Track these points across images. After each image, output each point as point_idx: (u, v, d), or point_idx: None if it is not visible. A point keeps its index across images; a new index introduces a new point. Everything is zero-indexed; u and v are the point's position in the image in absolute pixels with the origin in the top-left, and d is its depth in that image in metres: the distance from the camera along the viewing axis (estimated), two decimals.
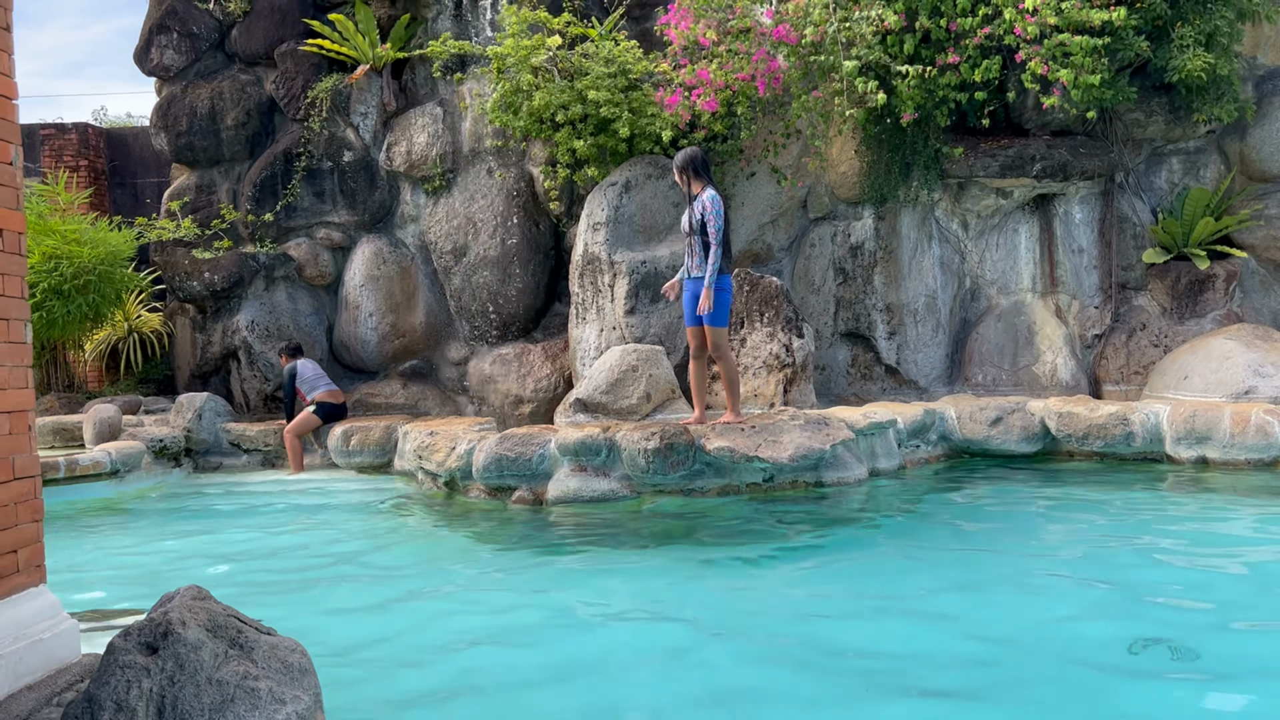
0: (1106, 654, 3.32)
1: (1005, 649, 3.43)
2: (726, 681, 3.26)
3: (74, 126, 12.35)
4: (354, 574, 4.94)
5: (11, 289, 2.80)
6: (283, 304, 10.12)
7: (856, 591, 4.21)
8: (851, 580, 4.40)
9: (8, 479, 2.74)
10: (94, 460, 7.51)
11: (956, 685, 3.14)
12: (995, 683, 3.16)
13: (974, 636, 3.57)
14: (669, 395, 7.42)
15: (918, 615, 3.84)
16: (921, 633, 3.64)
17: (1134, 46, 7.58)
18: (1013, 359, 8.72)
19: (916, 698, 3.06)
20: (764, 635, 3.72)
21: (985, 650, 3.42)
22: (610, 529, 5.57)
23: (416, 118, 9.91)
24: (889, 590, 4.18)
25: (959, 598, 4.04)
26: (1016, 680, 3.17)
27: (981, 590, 4.15)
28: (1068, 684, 3.11)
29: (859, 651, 3.47)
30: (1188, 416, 6.63)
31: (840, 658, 3.42)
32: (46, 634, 2.78)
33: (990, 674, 3.23)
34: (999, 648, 3.44)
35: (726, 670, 3.36)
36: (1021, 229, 8.90)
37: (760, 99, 8.29)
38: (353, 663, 3.52)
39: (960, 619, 3.77)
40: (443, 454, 6.81)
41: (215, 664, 2.41)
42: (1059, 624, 3.67)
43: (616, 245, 8.42)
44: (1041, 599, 4.01)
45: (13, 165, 2.82)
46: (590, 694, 3.24)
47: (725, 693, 3.16)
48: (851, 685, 3.17)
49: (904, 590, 4.17)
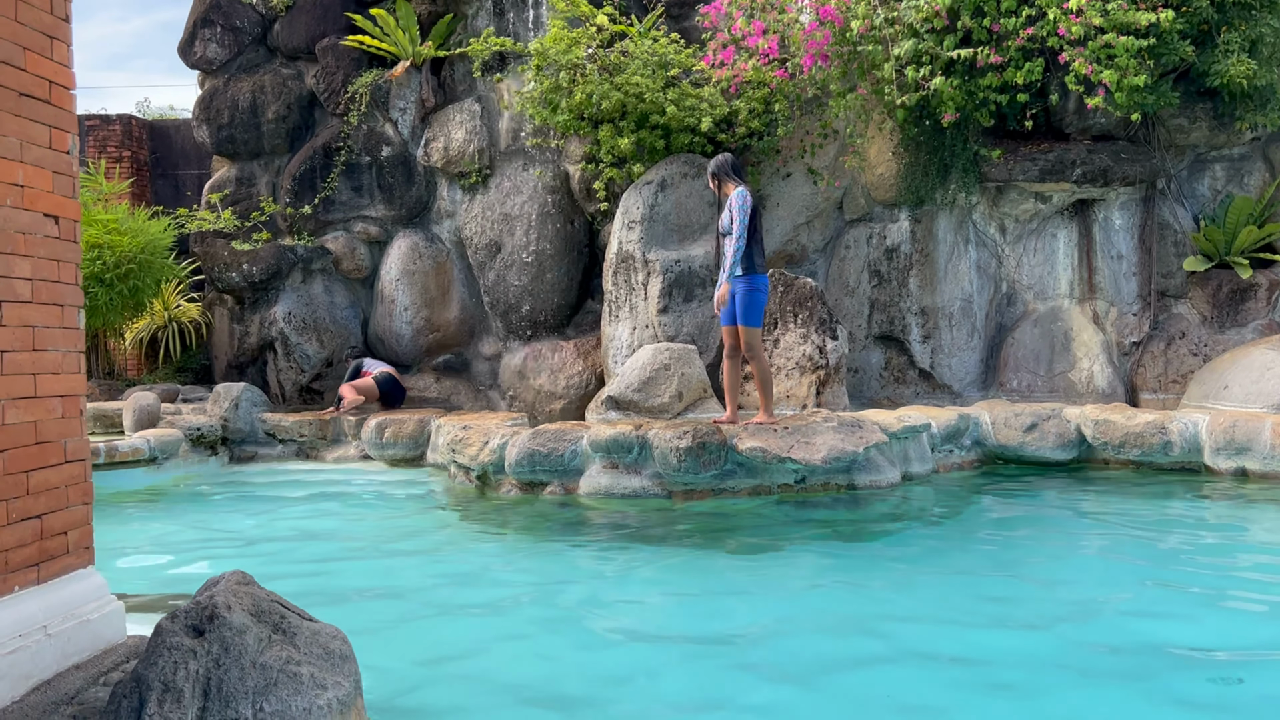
0: (1151, 669, 3.28)
1: (1049, 664, 3.40)
2: (754, 690, 3.26)
3: (118, 118, 12.54)
4: (386, 565, 4.98)
5: (67, 276, 2.85)
6: (319, 296, 10.22)
7: (884, 597, 4.19)
8: (880, 586, 4.37)
9: (59, 462, 2.80)
10: (133, 447, 7.62)
11: (983, 705, 3.12)
12: (1030, 700, 3.13)
13: (1010, 651, 3.54)
14: (701, 394, 7.42)
15: (947, 623, 3.82)
16: (951, 642, 3.62)
17: (1179, 50, 7.49)
18: (1048, 365, 8.64)
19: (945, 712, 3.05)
20: (792, 642, 3.71)
21: (1021, 668, 3.40)
22: (641, 526, 5.58)
23: (454, 114, 9.98)
24: (917, 597, 4.16)
25: (991, 606, 4.02)
26: (1051, 694, 3.15)
27: (1017, 603, 4.12)
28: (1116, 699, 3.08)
29: (880, 658, 3.46)
30: (1227, 427, 6.54)
31: (861, 665, 3.41)
32: (94, 615, 2.83)
33: (1031, 694, 3.20)
34: (1041, 663, 3.42)
35: (756, 675, 3.36)
36: (1060, 234, 8.82)
37: (799, 97, 8.27)
38: (388, 653, 3.56)
39: (994, 631, 3.74)
40: (475, 448, 6.86)
41: (259, 648, 2.45)
42: (1093, 634, 3.64)
43: (651, 244, 8.44)
44: (1079, 611, 3.97)
45: (70, 154, 2.87)
46: (614, 692, 3.25)
47: (754, 699, 3.16)
48: (870, 695, 3.17)
49: (932, 599, 4.15)
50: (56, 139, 2.81)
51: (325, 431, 8.65)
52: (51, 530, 2.76)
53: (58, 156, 2.82)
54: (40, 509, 2.72)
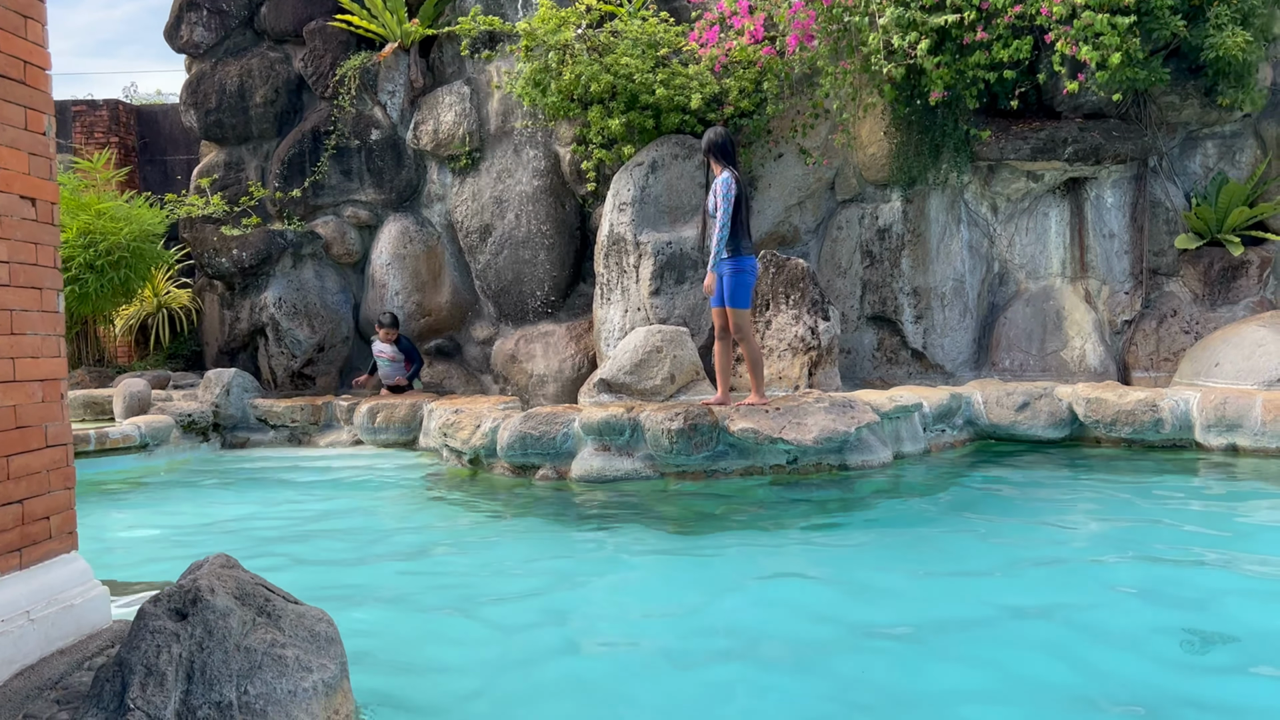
0: (1143, 643, 3.29)
1: (1038, 639, 3.41)
2: (742, 669, 3.26)
3: (105, 103, 12.44)
4: (376, 549, 4.97)
5: (45, 258, 2.82)
6: (310, 281, 10.18)
7: (874, 578, 4.19)
8: (870, 565, 4.38)
9: (40, 446, 2.78)
10: (124, 433, 7.60)
11: (974, 679, 3.12)
12: (1029, 673, 3.14)
13: (1000, 627, 3.55)
14: (693, 376, 7.41)
15: (940, 601, 3.83)
16: (946, 620, 3.62)
17: (1170, 25, 7.45)
18: (1041, 344, 8.64)
19: (936, 688, 3.05)
20: (780, 620, 3.72)
21: (1015, 644, 3.40)
22: (633, 508, 5.58)
23: (444, 96, 9.91)
24: (910, 576, 4.16)
25: (983, 583, 4.02)
26: (1048, 670, 3.15)
27: (1009, 575, 4.12)
28: (1114, 677, 3.08)
29: (871, 633, 3.46)
30: (1218, 404, 6.55)
31: (852, 646, 3.42)
32: (78, 599, 2.82)
33: (1024, 665, 3.21)
34: (1032, 638, 3.42)
35: (741, 654, 3.37)
36: (1052, 213, 8.80)
37: (788, 76, 8.22)
38: (376, 635, 3.55)
39: (986, 607, 3.74)
40: (467, 432, 6.84)
41: (243, 631, 2.44)
42: (1090, 611, 3.64)
43: (642, 226, 8.40)
44: (1071, 587, 3.98)
45: (46, 136, 2.84)
46: (601, 676, 3.25)
47: (740, 679, 3.16)
48: (862, 674, 3.17)
49: (925, 576, 4.15)
50: (32, 120, 2.78)
51: (317, 417, 8.63)
52: (33, 515, 2.75)
53: (34, 138, 2.79)
54: (21, 494, 2.70)
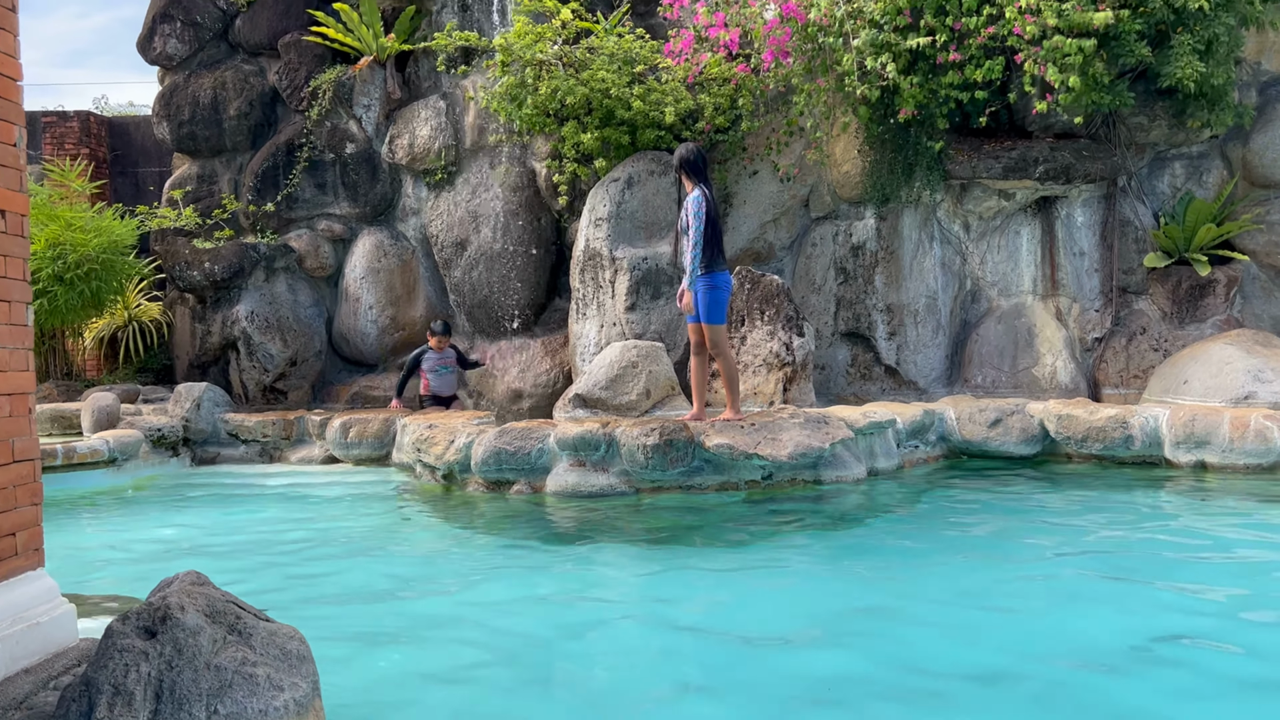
0: (1112, 655, 3.31)
1: (1005, 652, 3.43)
2: (709, 677, 3.26)
3: (75, 114, 12.32)
4: (348, 565, 4.93)
5: (14, 271, 2.79)
6: (283, 295, 10.11)
7: (847, 592, 4.20)
8: (844, 581, 4.39)
9: (7, 461, 2.73)
10: (92, 448, 7.49)
11: (953, 690, 3.13)
12: (998, 688, 3.15)
13: (971, 641, 3.56)
14: (669, 392, 7.42)
15: (912, 619, 3.84)
16: (916, 636, 3.63)
17: (1136, 51, 7.57)
18: (1012, 361, 8.72)
19: (916, 700, 3.06)
20: (751, 634, 3.71)
21: (984, 654, 3.42)
22: (608, 524, 5.56)
23: (419, 110, 9.90)
24: (882, 591, 4.18)
25: (958, 600, 4.04)
26: (1019, 682, 3.17)
27: (979, 593, 4.15)
28: (1071, 685, 3.10)
29: (848, 650, 3.47)
30: (1187, 421, 6.63)
31: (822, 662, 3.42)
32: (44, 618, 2.77)
33: (993, 678, 3.22)
34: (999, 651, 3.44)
35: (714, 666, 3.36)
36: (1023, 231, 8.90)
37: (763, 93, 8.29)
38: (349, 652, 3.51)
39: (958, 622, 3.76)
40: (441, 447, 6.80)
41: (214, 649, 2.40)
42: (1060, 624, 3.67)
43: (618, 241, 8.42)
44: (1040, 600, 4.01)
45: (16, 147, 2.81)
46: (578, 686, 3.23)
47: (709, 687, 3.16)
48: (830, 691, 3.17)
49: (899, 592, 4.17)
50: (2, 131, 2.75)
51: (289, 432, 8.55)
52: None
53: (4, 149, 2.76)
54: None
